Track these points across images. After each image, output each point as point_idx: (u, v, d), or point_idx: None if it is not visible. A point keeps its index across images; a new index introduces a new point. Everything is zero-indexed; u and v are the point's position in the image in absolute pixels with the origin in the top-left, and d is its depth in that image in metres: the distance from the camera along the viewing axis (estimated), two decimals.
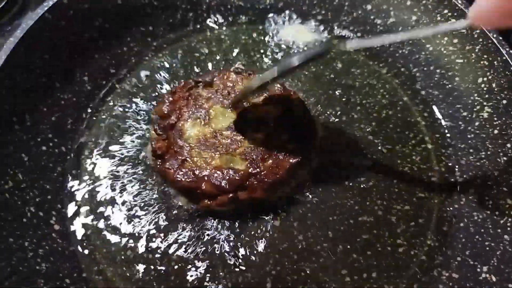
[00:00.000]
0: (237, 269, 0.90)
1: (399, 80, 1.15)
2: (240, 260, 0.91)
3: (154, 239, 0.92)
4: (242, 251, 0.92)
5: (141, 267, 0.90)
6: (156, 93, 1.12)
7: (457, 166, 1.03)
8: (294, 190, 0.97)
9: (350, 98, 1.12)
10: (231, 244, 0.92)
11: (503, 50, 0.98)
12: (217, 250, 0.91)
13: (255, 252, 0.92)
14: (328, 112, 1.10)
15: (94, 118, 1.08)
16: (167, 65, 1.17)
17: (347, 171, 1.02)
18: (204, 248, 0.92)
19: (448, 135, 1.07)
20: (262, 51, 1.19)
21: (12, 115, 0.94)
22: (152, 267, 0.90)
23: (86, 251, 0.92)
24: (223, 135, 0.96)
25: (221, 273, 0.89)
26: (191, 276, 0.89)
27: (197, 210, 0.95)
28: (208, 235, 0.93)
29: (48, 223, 0.92)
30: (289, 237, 0.93)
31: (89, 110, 1.09)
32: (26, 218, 0.89)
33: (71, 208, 0.96)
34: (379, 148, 1.05)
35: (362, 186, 1.00)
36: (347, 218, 0.96)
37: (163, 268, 0.90)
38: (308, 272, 0.90)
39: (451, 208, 0.98)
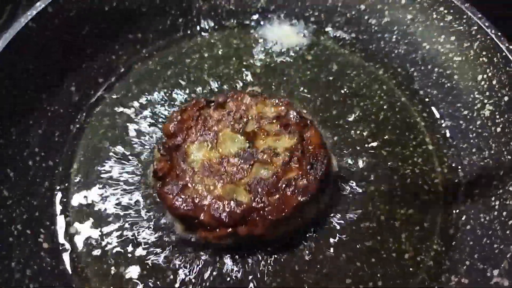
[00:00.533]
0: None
1: (396, 81, 1.12)
2: (235, 272, 0.87)
3: (148, 260, 0.88)
4: (237, 261, 0.88)
5: (135, 286, 0.86)
6: (146, 103, 1.09)
7: (460, 167, 1.00)
8: (299, 227, 0.91)
9: (347, 101, 1.09)
10: (227, 264, 0.88)
11: (502, 46, 0.96)
12: (212, 274, 0.87)
13: (252, 263, 0.88)
14: (324, 115, 1.06)
15: (83, 130, 1.04)
16: (157, 73, 1.14)
17: (346, 175, 0.98)
18: (198, 273, 0.87)
19: (449, 135, 1.04)
20: (254, 55, 1.16)
21: None
22: (146, 285, 0.86)
23: (77, 270, 0.87)
24: (230, 162, 0.90)
25: None
26: None
27: (193, 239, 0.89)
28: (202, 261, 0.88)
29: (36, 241, 0.87)
30: (289, 246, 0.90)
31: (78, 122, 1.05)
32: (13, 237, 0.85)
33: (60, 225, 0.92)
34: (379, 150, 1.01)
35: (363, 190, 0.96)
36: (349, 225, 0.92)
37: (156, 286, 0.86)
38: (310, 282, 0.86)
39: (456, 211, 0.94)
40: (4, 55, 0.92)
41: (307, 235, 0.91)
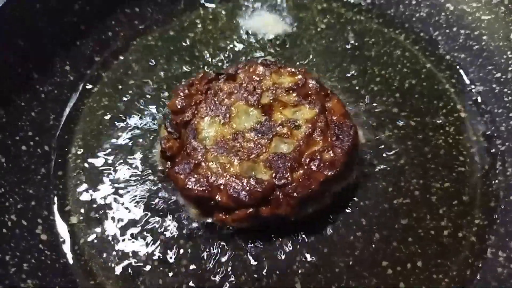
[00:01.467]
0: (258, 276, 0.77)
1: (419, 46, 1.04)
2: (258, 258, 0.78)
3: (159, 250, 0.79)
4: (260, 246, 0.79)
5: (145, 279, 0.77)
6: (148, 80, 0.99)
7: (496, 134, 0.91)
8: (327, 207, 0.82)
9: (367, 70, 1.00)
10: (248, 249, 0.79)
11: None
12: (232, 261, 0.78)
13: (277, 247, 0.79)
14: (345, 86, 0.98)
15: (80, 112, 0.95)
16: (158, 49, 1.04)
17: (373, 147, 0.89)
18: (215, 261, 0.78)
19: (481, 100, 0.95)
20: (263, 25, 1.07)
21: None
22: (157, 278, 0.77)
23: (80, 263, 0.78)
24: (245, 137, 0.81)
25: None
26: None
27: (210, 224, 0.81)
28: (220, 247, 0.80)
29: (33, 233, 0.79)
30: (316, 227, 0.81)
31: (74, 103, 0.96)
32: (7, 228, 0.76)
33: (59, 215, 0.83)
34: (407, 121, 0.93)
35: (393, 164, 0.87)
36: (381, 202, 0.84)
37: (169, 280, 0.77)
38: (342, 266, 0.77)
39: (496, 181, 0.86)
40: None
41: (335, 215, 0.82)
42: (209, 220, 0.80)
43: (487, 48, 0.96)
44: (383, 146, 0.90)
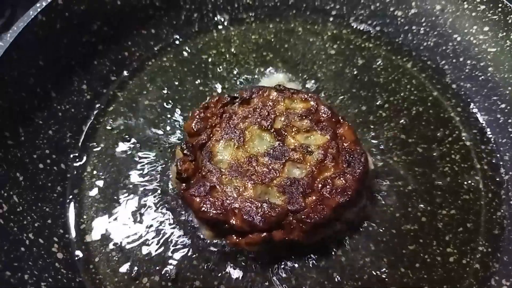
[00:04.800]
0: None
1: (426, 74, 1.07)
2: (269, 281, 0.80)
3: (173, 271, 0.81)
4: (271, 269, 0.81)
5: None
6: (162, 101, 1.02)
7: (501, 163, 0.94)
8: (339, 233, 0.84)
9: (376, 96, 1.03)
10: (260, 272, 0.81)
11: None
12: (243, 282, 0.80)
13: (287, 271, 0.81)
14: (353, 111, 1.00)
15: (96, 131, 0.97)
16: (172, 70, 1.07)
17: (381, 173, 0.92)
18: (228, 282, 0.80)
19: (487, 130, 0.98)
20: (274, 50, 1.10)
21: (3, 129, 0.83)
22: None
23: (95, 282, 0.80)
24: (259, 161, 0.83)
25: None
26: None
27: (223, 246, 0.83)
28: (233, 268, 0.81)
29: (50, 251, 0.80)
30: (325, 252, 0.83)
31: (90, 122, 0.98)
32: (25, 247, 0.77)
33: (75, 234, 0.85)
34: (414, 147, 0.95)
35: (401, 190, 0.90)
36: (389, 228, 0.86)
37: None
38: None
39: (500, 209, 0.88)
40: (11, 50, 0.84)
41: (344, 239, 0.84)
42: (222, 242, 0.82)
43: (493, 79, 0.99)
44: (391, 172, 0.92)
